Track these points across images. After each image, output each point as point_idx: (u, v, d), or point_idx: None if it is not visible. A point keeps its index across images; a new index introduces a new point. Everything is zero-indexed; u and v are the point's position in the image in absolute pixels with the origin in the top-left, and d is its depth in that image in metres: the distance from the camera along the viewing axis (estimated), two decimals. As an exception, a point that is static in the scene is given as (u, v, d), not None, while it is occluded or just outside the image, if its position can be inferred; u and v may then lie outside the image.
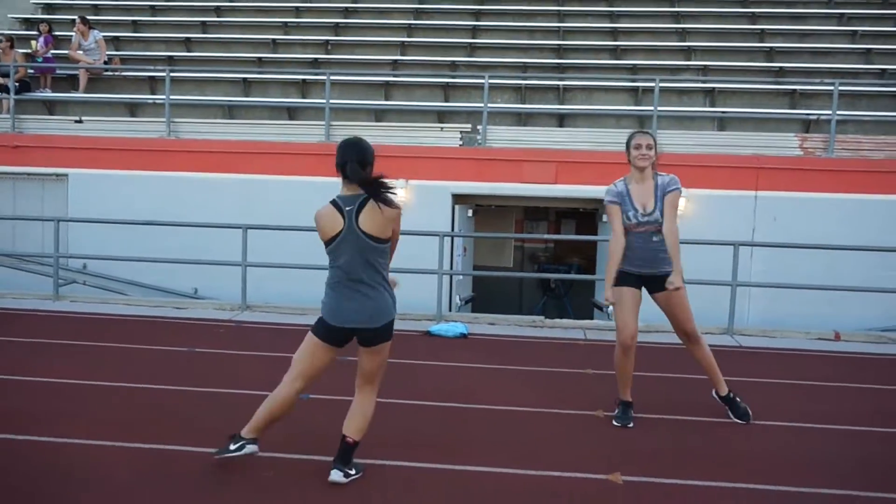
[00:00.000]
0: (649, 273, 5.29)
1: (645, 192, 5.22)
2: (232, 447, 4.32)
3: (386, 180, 4.01)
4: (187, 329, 8.40)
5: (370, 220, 4.07)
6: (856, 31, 14.39)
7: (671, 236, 5.20)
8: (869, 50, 13.82)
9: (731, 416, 5.53)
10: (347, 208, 4.09)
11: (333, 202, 4.15)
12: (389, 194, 4.02)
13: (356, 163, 4.08)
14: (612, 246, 5.31)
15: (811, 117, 12.01)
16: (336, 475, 4.21)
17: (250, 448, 4.33)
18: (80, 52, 13.40)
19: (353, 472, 4.27)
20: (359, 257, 4.10)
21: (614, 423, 5.45)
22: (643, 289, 5.40)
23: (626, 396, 5.53)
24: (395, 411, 5.20)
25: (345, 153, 4.12)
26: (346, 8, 16.12)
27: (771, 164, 10.77)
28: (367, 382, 4.30)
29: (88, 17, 14.07)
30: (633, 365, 5.45)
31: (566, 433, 5.27)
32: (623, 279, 5.32)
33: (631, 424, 5.41)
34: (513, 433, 5.24)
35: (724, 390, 5.58)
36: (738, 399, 5.58)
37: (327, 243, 4.15)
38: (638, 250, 5.24)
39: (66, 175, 11.88)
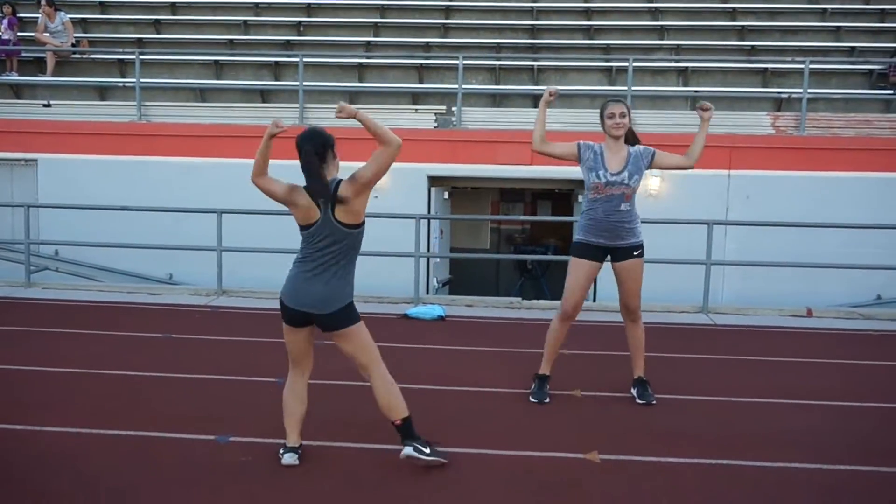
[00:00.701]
0: (613, 244, 5.26)
1: (618, 159, 5.21)
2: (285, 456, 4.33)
3: (340, 193, 4.01)
4: (162, 315, 8.33)
5: (343, 208, 4.04)
6: (825, 10, 14.49)
7: (690, 155, 5.33)
8: (839, 28, 13.94)
9: (637, 397, 5.51)
10: (322, 199, 4.05)
11: (306, 188, 4.12)
12: (337, 202, 4.02)
13: (311, 148, 4.10)
14: (539, 136, 5.56)
15: (783, 96, 12.12)
16: (406, 450, 4.21)
17: (287, 458, 4.32)
18: (47, 34, 13.17)
19: (425, 448, 4.22)
20: (335, 246, 4.08)
21: (531, 399, 5.46)
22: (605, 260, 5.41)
23: (546, 370, 5.54)
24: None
25: (298, 142, 4.17)
26: (318, -12, 15.95)
27: (743, 143, 10.86)
28: (362, 369, 4.26)
29: (54, -1, 13.84)
30: (564, 338, 5.50)
31: (544, 413, 5.31)
32: (584, 251, 5.31)
33: (547, 400, 5.44)
34: (491, 414, 5.27)
35: (639, 374, 5.59)
36: (648, 384, 5.56)
37: (303, 227, 4.13)
38: (602, 221, 5.19)
39: (35, 160, 11.71)
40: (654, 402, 5.45)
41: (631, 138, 5.33)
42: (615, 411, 5.36)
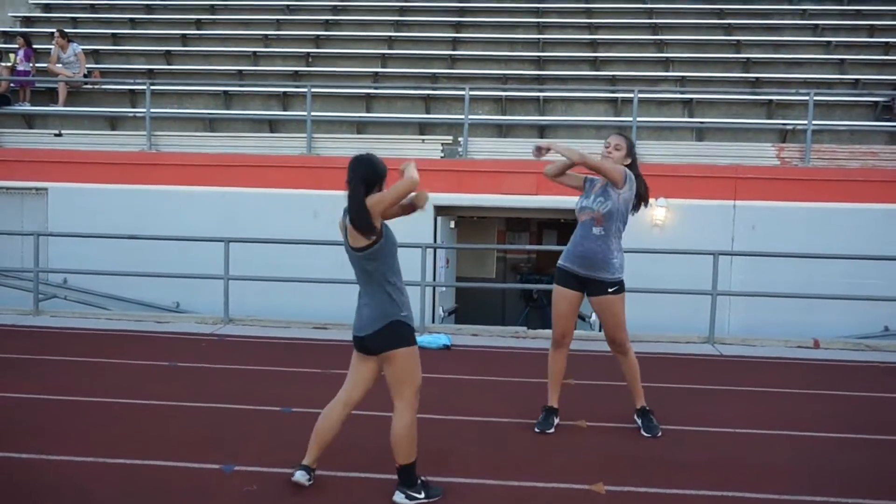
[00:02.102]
0: (585, 275, 5.30)
1: (599, 186, 5.36)
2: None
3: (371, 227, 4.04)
4: (169, 343, 8.36)
5: (350, 233, 4.13)
6: (829, 42, 14.60)
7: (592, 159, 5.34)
8: (843, 60, 14.02)
9: (642, 430, 5.48)
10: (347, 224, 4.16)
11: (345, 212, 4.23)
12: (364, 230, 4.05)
13: (360, 181, 4.06)
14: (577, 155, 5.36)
15: (787, 127, 12.17)
16: (397, 497, 4.22)
17: (298, 475, 4.35)
18: (59, 65, 13.35)
19: (419, 494, 4.20)
20: (356, 269, 4.21)
21: (535, 429, 5.47)
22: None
23: (553, 402, 5.57)
24: (376, 423, 5.19)
25: (349, 169, 4.11)
26: (327, 20, 16.16)
27: (749, 174, 10.89)
28: (393, 396, 4.24)
29: (67, 30, 14.03)
30: (562, 368, 5.53)
31: (549, 443, 5.30)
32: (563, 278, 5.42)
33: (551, 430, 5.45)
34: (495, 444, 5.26)
35: (640, 403, 5.58)
36: (652, 414, 5.55)
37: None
38: (577, 246, 5.30)
39: (45, 189, 11.80)
40: (660, 433, 5.44)
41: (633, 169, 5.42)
42: (621, 442, 5.34)
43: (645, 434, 5.45)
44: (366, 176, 4.08)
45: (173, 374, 7.01)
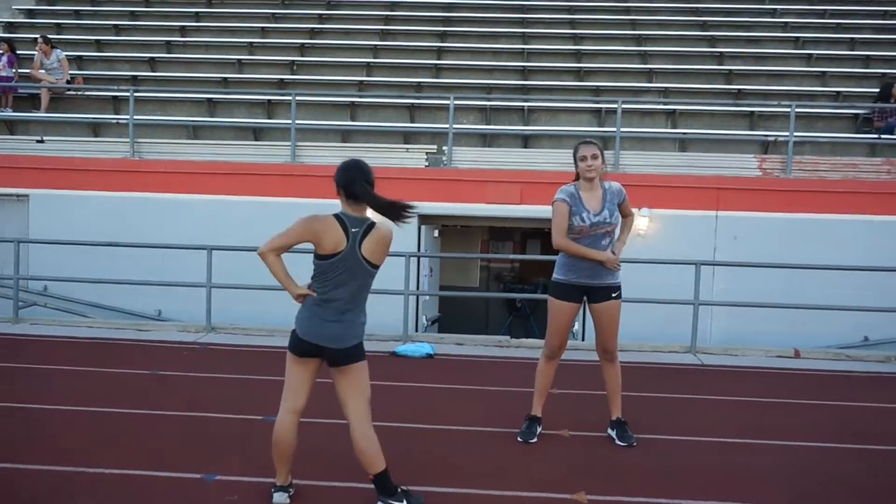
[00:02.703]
0: (592, 283, 5.30)
1: (595, 198, 5.27)
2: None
3: (405, 202, 3.99)
4: (150, 351, 8.30)
5: (373, 245, 4.04)
6: (811, 55, 14.77)
7: (630, 218, 5.50)
8: (824, 73, 14.18)
9: (616, 439, 5.50)
10: (353, 230, 4.00)
11: (338, 218, 4.01)
12: (408, 215, 4.00)
13: (366, 183, 4.02)
14: (562, 242, 5.25)
15: (769, 139, 12.29)
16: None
17: (277, 497, 4.30)
18: (42, 71, 13.28)
19: (399, 503, 4.18)
20: (352, 281, 4.05)
21: (518, 438, 5.48)
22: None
23: (537, 412, 5.59)
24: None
25: (350, 173, 4.03)
26: (312, 29, 16.17)
27: (731, 185, 10.98)
28: (348, 410, 4.18)
29: (51, 36, 13.96)
30: (552, 378, 5.58)
31: (532, 453, 5.30)
32: (564, 292, 5.36)
33: (534, 440, 5.47)
34: (478, 453, 5.26)
35: (616, 415, 5.60)
36: (626, 425, 5.56)
37: (323, 257, 4.02)
38: (584, 259, 5.24)
39: (27, 195, 11.72)
40: (635, 443, 5.45)
41: None
42: (603, 451, 5.36)
43: (619, 443, 5.46)
44: (367, 179, 4.06)
45: (155, 382, 6.96)
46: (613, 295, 5.35)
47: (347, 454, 4.35)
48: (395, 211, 3.99)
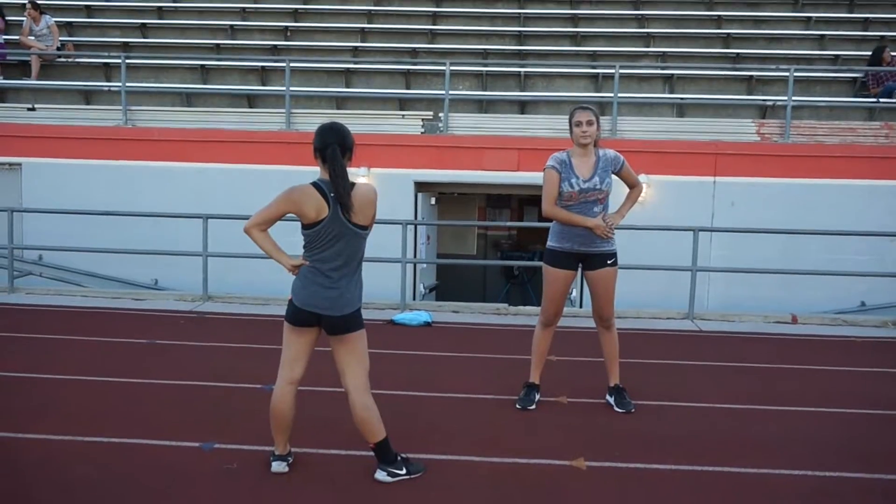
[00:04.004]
0: (586, 251, 5.26)
1: (587, 165, 5.19)
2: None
3: (348, 203, 3.94)
4: (147, 320, 8.29)
5: (356, 207, 3.98)
6: (810, 18, 14.62)
7: (636, 189, 5.43)
8: (823, 36, 14.05)
9: (615, 405, 5.49)
10: (333, 194, 3.96)
11: (316, 185, 3.99)
12: (349, 207, 3.95)
13: (338, 146, 3.96)
14: (550, 209, 5.20)
15: (767, 103, 12.20)
16: (378, 475, 4.23)
17: (276, 466, 4.30)
18: (32, 37, 13.08)
19: (400, 470, 4.22)
20: (341, 245, 4.02)
21: (517, 405, 5.47)
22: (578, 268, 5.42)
23: (535, 378, 5.59)
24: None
25: (325, 137, 3.99)
26: (306, -6, 15.95)
27: (729, 150, 10.91)
28: (346, 380, 4.18)
29: (40, 2, 13.74)
30: (549, 345, 5.57)
31: (530, 420, 5.31)
32: (558, 259, 5.32)
33: (533, 407, 5.46)
34: (477, 420, 5.26)
35: (615, 381, 5.58)
36: (625, 392, 5.56)
37: (307, 226, 4.01)
38: (578, 225, 5.19)
39: (19, 164, 11.61)
40: (633, 409, 5.45)
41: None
42: (602, 418, 5.36)
43: (618, 410, 5.46)
44: (342, 143, 4.00)
45: (152, 351, 6.95)
46: (609, 262, 5.32)
47: (345, 421, 4.35)
48: (338, 200, 3.95)
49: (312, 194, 3.96)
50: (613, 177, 5.30)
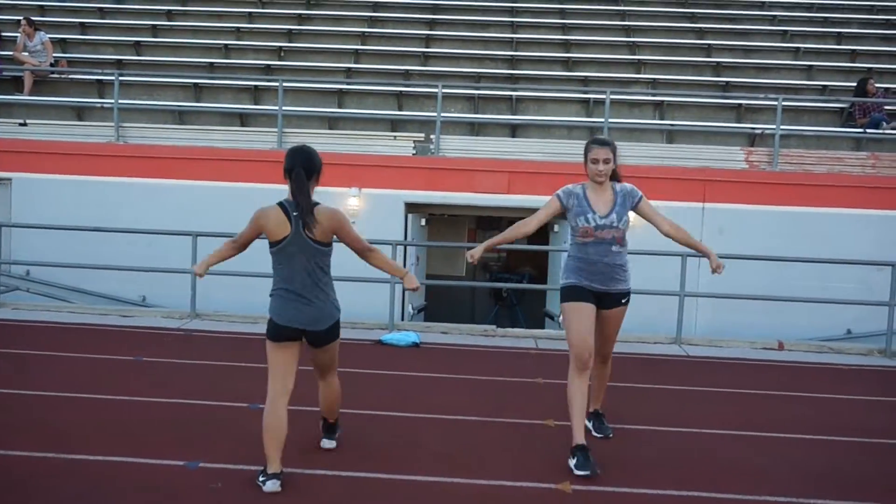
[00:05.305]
0: (604, 290, 5.04)
1: (604, 200, 5.01)
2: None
3: (316, 209, 4.21)
4: (134, 338, 8.24)
5: (318, 224, 4.21)
6: (798, 48, 14.80)
7: (676, 230, 5.28)
8: (811, 67, 14.22)
9: (593, 430, 5.45)
10: (294, 213, 4.22)
11: (281, 205, 4.28)
12: (311, 224, 4.19)
13: (302, 169, 4.22)
14: (520, 226, 5.05)
15: (756, 131, 12.31)
16: (326, 443, 4.89)
17: (270, 485, 4.27)
18: (26, 53, 13.10)
19: (335, 435, 4.93)
20: (302, 261, 4.25)
21: (576, 472, 4.64)
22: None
23: (581, 438, 4.79)
24: (345, 421, 5.18)
25: (293, 159, 4.28)
26: (300, 14, 16.04)
27: (718, 177, 11.00)
28: (323, 374, 4.63)
29: (34, 18, 13.78)
30: (587, 396, 4.98)
31: (517, 442, 5.30)
32: (579, 294, 4.98)
33: (599, 471, 4.68)
34: (463, 443, 5.25)
35: (597, 406, 5.53)
36: (604, 417, 5.53)
37: (272, 244, 4.29)
38: (595, 263, 4.97)
39: (9, 179, 11.57)
40: (611, 434, 5.43)
41: (613, 175, 5.13)
42: (588, 442, 5.35)
43: (596, 435, 5.42)
44: (307, 165, 4.27)
45: (138, 368, 6.92)
46: (623, 301, 5.15)
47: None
48: (299, 217, 4.21)
49: (274, 214, 4.27)
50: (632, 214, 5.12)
